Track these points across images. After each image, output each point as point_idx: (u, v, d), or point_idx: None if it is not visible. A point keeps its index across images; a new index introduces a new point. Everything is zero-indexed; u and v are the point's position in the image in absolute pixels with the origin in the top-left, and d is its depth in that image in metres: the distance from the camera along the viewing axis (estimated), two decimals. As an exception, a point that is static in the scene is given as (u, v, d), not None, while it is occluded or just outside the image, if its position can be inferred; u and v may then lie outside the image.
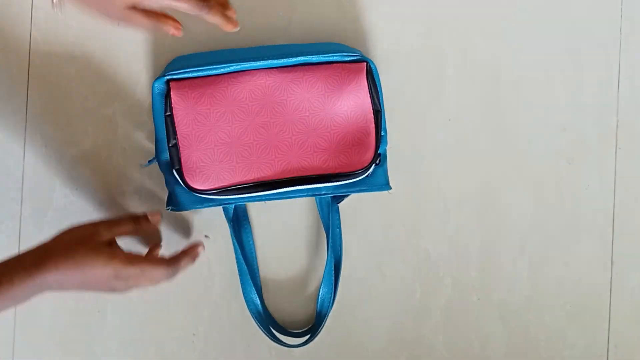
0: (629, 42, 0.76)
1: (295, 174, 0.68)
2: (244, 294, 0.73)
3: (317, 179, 0.68)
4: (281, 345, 0.72)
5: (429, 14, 0.76)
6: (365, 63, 0.69)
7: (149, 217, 0.69)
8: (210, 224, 0.75)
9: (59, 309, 0.74)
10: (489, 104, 0.76)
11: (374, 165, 0.69)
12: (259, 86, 0.67)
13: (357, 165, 0.68)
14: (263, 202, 0.74)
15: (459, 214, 0.76)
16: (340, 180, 0.68)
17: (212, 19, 0.61)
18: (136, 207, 0.74)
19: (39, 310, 0.74)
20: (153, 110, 0.69)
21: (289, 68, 0.68)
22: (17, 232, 0.75)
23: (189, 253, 0.66)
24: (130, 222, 0.68)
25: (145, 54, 0.74)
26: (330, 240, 0.72)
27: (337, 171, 0.68)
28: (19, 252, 0.61)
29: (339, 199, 0.73)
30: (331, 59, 0.69)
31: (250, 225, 0.75)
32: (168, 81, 0.68)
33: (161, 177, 0.71)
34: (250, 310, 0.73)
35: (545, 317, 0.76)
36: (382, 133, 0.70)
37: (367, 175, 0.69)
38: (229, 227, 0.72)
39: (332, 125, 0.67)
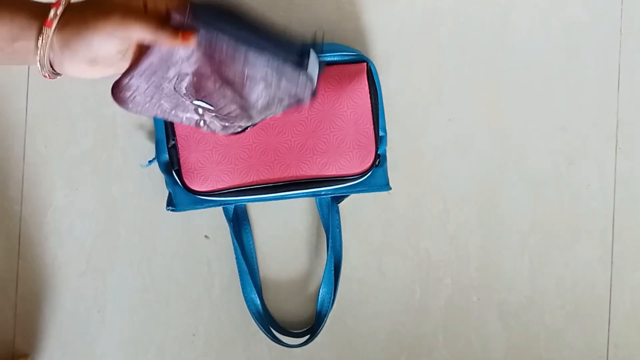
0: (629, 42, 0.76)
1: (294, 178, 0.67)
2: (244, 294, 0.73)
3: (317, 183, 0.68)
4: (281, 345, 0.72)
5: (429, 13, 0.75)
6: (365, 63, 0.68)
7: None
8: (210, 224, 0.75)
9: (59, 308, 0.75)
10: (489, 104, 0.76)
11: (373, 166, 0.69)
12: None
13: (357, 169, 0.68)
14: (263, 202, 0.74)
15: (459, 214, 0.76)
16: (340, 184, 0.68)
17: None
18: (136, 207, 0.75)
19: (39, 310, 0.74)
20: (153, 111, 0.69)
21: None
22: (17, 232, 0.75)
23: None
24: None
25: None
26: (330, 240, 0.72)
27: (337, 175, 0.67)
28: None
29: (339, 199, 0.73)
30: (331, 59, 0.69)
31: (250, 225, 0.75)
32: (168, 81, 0.68)
33: (161, 177, 0.71)
34: (250, 310, 0.73)
35: (545, 317, 0.76)
36: (382, 133, 0.70)
37: (367, 176, 0.69)
38: (229, 227, 0.72)
39: (331, 126, 0.67)
